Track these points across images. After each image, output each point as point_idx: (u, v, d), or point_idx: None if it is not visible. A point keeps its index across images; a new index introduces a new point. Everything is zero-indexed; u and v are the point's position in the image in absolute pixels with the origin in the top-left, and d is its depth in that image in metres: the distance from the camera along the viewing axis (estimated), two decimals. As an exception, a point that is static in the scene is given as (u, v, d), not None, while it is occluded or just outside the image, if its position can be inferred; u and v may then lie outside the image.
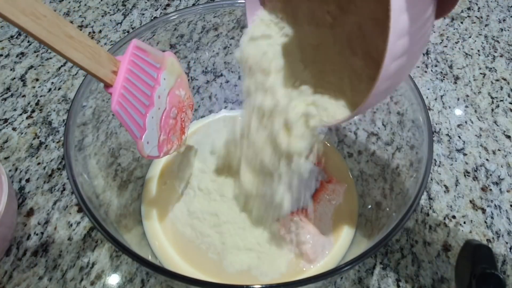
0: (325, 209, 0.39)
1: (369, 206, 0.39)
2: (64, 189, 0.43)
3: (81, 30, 0.60)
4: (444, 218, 0.42)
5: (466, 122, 0.51)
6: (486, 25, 0.63)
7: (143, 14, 0.63)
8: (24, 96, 0.51)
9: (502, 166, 0.47)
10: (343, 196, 0.40)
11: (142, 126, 0.28)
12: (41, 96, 0.52)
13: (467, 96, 0.53)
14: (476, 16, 0.64)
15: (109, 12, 0.63)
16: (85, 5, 0.64)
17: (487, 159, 0.47)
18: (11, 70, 0.54)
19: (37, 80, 0.53)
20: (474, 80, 0.55)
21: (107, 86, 0.26)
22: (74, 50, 0.23)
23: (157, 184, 0.42)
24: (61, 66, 0.55)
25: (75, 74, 0.54)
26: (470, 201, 0.44)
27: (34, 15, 0.21)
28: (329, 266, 0.36)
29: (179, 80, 0.32)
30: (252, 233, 0.35)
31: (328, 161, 0.42)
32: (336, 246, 0.37)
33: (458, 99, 0.53)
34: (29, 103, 0.51)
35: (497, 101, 0.53)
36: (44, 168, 0.45)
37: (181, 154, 0.37)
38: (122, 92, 0.26)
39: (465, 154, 0.48)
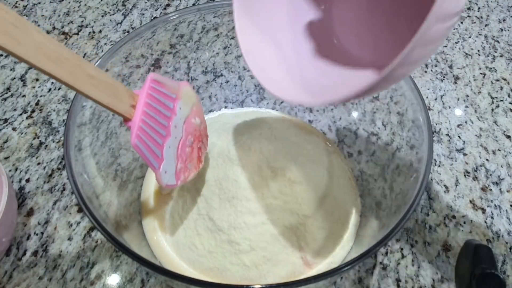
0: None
1: (369, 206, 0.39)
2: (64, 189, 0.43)
3: (81, 30, 0.60)
4: (444, 218, 0.42)
5: (466, 122, 0.51)
6: (486, 25, 0.63)
7: (143, 14, 0.63)
8: (24, 96, 0.51)
9: (502, 166, 0.47)
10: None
11: (160, 157, 0.28)
12: (41, 96, 0.52)
13: (467, 96, 0.53)
14: (476, 16, 0.64)
15: (109, 12, 0.63)
16: (85, 5, 0.64)
17: (487, 159, 0.47)
18: (11, 70, 0.54)
19: (37, 80, 0.53)
20: (474, 80, 0.55)
21: (126, 120, 0.27)
22: (95, 89, 0.24)
23: (156, 184, 0.41)
24: (61, 66, 0.55)
25: (75, 74, 0.54)
26: (470, 201, 0.44)
27: (58, 60, 0.22)
28: (330, 266, 0.36)
29: (194, 109, 0.33)
30: (252, 236, 0.35)
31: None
32: (337, 247, 0.37)
33: (458, 99, 0.53)
34: (29, 103, 0.51)
35: (497, 101, 0.53)
36: (44, 168, 0.45)
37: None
38: (140, 125, 0.27)
39: (465, 154, 0.48)
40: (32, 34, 0.20)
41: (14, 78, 0.53)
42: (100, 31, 0.60)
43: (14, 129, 0.48)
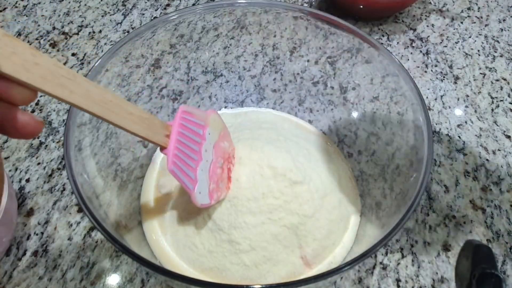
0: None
1: (369, 206, 0.39)
2: (64, 189, 0.43)
3: (81, 30, 0.60)
4: (444, 218, 0.42)
5: (466, 122, 0.51)
6: (486, 25, 0.63)
7: (143, 14, 0.63)
8: (24, 96, 0.51)
9: (502, 166, 0.47)
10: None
11: (194, 179, 0.31)
12: (41, 96, 0.52)
13: (467, 96, 0.53)
14: (476, 16, 0.64)
15: (109, 12, 0.63)
16: (85, 5, 0.64)
17: (487, 159, 0.47)
18: (11, 70, 0.54)
19: (37, 80, 0.53)
20: (474, 80, 0.55)
21: (162, 148, 0.30)
22: (134, 124, 0.27)
23: (155, 184, 0.41)
24: (61, 66, 0.55)
25: (75, 74, 0.54)
26: (470, 201, 0.44)
27: (103, 102, 0.24)
28: (330, 266, 0.36)
29: (222, 133, 0.36)
30: (253, 235, 0.35)
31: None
32: (338, 247, 0.37)
33: (458, 99, 0.53)
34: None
35: (497, 101, 0.53)
36: (44, 168, 0.45)
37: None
38: (175, 153, 0.30)
39: (465, 154, 0.48)
40: (81, 83, 0.23)
41: (14, 78, 0.53)
42: (100, 31, 0.60)
43: (14, 129, 0.48)
